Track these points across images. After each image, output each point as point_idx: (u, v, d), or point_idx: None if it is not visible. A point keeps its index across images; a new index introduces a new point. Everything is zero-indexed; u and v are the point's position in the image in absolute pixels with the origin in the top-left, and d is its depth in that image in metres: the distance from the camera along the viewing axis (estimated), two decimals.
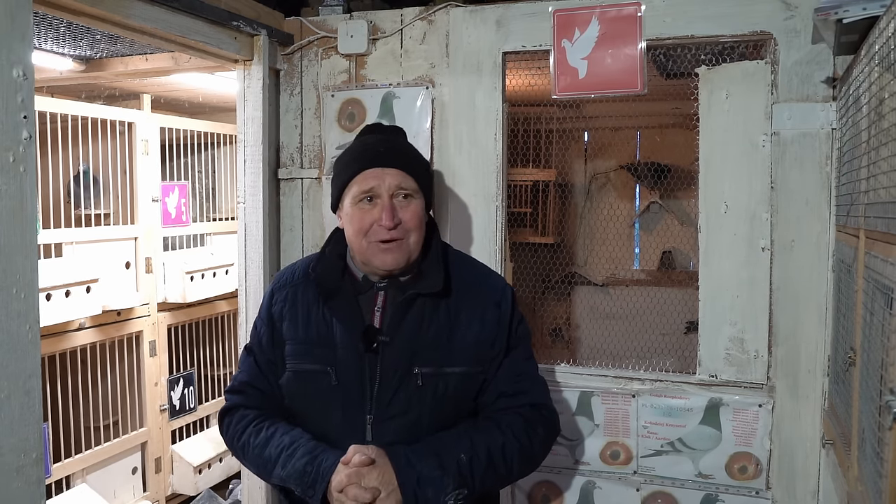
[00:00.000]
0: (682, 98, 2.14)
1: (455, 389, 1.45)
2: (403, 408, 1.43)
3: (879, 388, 1.08)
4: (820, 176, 1.86)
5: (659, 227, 3.47)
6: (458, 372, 1.46)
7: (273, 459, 1.43)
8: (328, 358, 1.47)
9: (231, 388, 1.59)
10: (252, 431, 1.49)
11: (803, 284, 1.87)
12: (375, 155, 1.48)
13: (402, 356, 1.44)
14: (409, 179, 1.47)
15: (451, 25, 2.14)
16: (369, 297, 1.50)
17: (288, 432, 1.46)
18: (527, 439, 1.46)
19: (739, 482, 1.94)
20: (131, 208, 2.99)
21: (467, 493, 1.37)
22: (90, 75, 2.73)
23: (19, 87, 1.22)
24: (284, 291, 1.57)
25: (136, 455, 3.03)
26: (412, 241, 1.47)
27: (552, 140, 3.25)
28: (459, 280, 1.52)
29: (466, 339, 1.47)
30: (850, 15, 1.35)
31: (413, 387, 1.43)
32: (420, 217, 1.48)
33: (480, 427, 1.45)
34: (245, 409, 1.54)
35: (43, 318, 1.86)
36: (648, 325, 3.03)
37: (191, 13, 1.94)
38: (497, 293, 1.53)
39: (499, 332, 1.49)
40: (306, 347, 1.50)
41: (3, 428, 1.20)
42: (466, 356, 1.47)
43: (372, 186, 1.45)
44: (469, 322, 1.48)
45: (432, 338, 1.46)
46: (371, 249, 1.45)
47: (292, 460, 1.40)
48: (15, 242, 1.22)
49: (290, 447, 1.42)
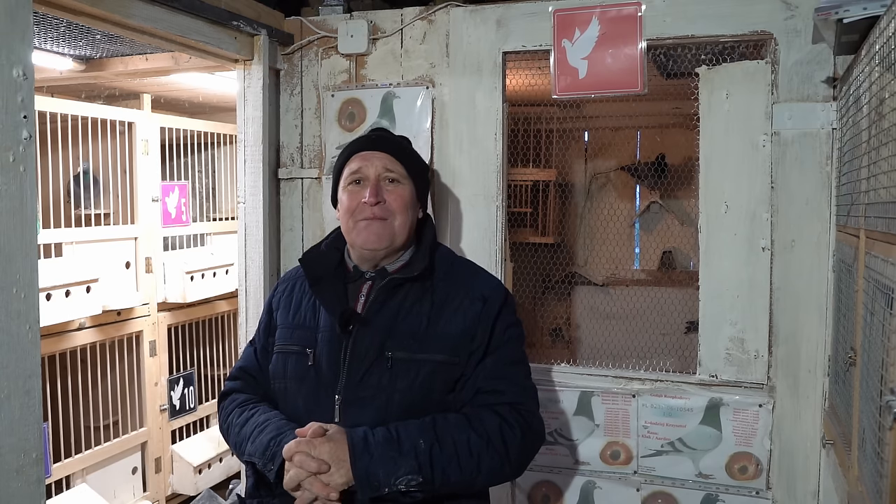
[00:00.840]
0: (683, 98, 2.14)
1: (427, 377, 1.43)
2: (372, 391, 1.43)
3: (880, 388, 1.08)
4: (820, 176, 1.86)
5: (659, 227, 3.47)
6: (432, 360, 1.44)
7: (247, 436, 1.46)
8: (309, 340, 1.51)
9: (229, 375, 1.66)
10: (237, 412, 1.54)
11: (803, 284, 1.87)
12: (366, 142, 1.57)
13: (375, 339, 1.45)
14: (397, 164, 1.53)
15: (452, 25, 2.14)
16: (357, 286, 1.54)
17: (266, 412, 1.50)
18: (499, 439, 1.40)
19: (740, 482, 1.94)
20: (131, 208, 2.98)
21: (422, 482, 1.33)
22: (90, 75, 2.73)
23: (19, 87, 1.22)
24: (286, 284, 1.65)
25: (136, 455, 3.02)
26: (397, 223, 1.50)
27: (552, 140, 3.25)
28: (452, 274, 1.54)
29: (448, 329, 1.46)
30: (851, 15, 1.35)
31: (382, 370, 1.43)
32: (405, 200, 1.51)
33: (449, 419, 1.42)
34: (237, 394, 1.60)
35: (43, 318, 1.86)
36: (648, 325, 3.03)
37: (191, 13, 1.94)
38: (487, 289, 1.53)
39: (480, 326, 1.48)
40: (291, 331, 1.55)
41: (3, 428, 1.20)
42: (445, 345, 1.46)
43: (360, 167, 1.52)
44: (453, 313, 1.48)
45: (411, 324, 1.46)
46: (356, 228, 1.50)
47: (261, 436, 1.43)
48: (15, 242, 1.22)
49: (262, 424, 1.46)
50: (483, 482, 1.44)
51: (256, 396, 1.58)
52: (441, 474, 1.35)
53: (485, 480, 1.43)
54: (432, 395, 1.45)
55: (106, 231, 2.85)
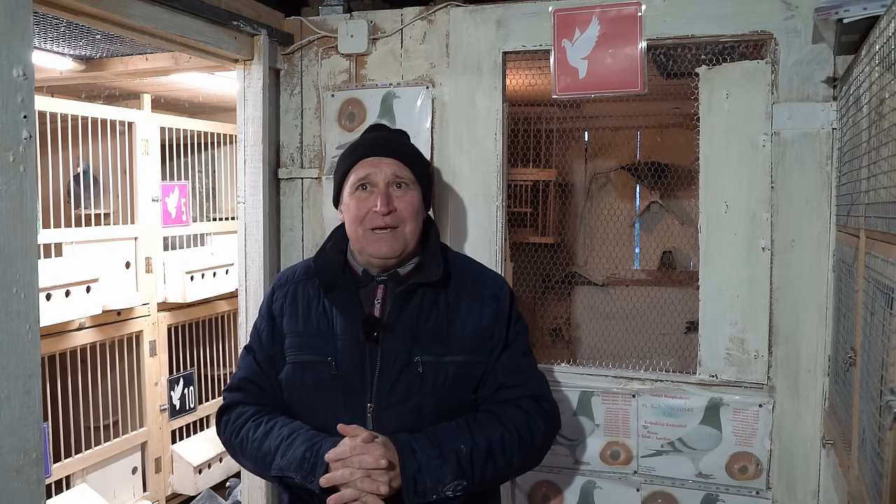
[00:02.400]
0: (683, 98, 2.14)
1: (455, 378, 1.46)
2: (404, 396, 1.43)
3: (880, 388, 1.08)
4: (820, 176, 1.86)
5: (659, 226, 3.47)
6: (457, 361, 1.47)
7: (273, 451, 1.42)
8: (328, 349, 1.48)
9: (229, 386, 1.59)
10: (251, 426, 1.48)
11: (803, 284, 1.87)
12: (373, 146, 1.53)
13: (403, 344, 1.45)
14: (405, 169, 1.50)
15: (452, 25, 2.14)
16: (369, 291, 1.51)
17: (287, 424, 1.46)
18: (527, 432, 1.45)
19: (740, 482, 1.94)
20: (131, 208, 2.99)
21: (466, 485, 1.36)
22: (90, 75, 2.73)
23: (19, 87, 1.22)
24: (285, 289, 1.58)
25: (136, 455, 3.02)
26: (407, 230, 1.48)
27: (552, 140, 3.25)
28: (458, 273, 1.54)
29: (465, 330, 1.48)
30: (851, 15, 1.35)
31: (413, 375, 1.44)
32: (415, 207, 1.50)
33: (480, 419, 1.45)
34: (244, 406, 1.53)
35: (43, 318, 1.86)
36: (648, 325, 3.03)
37: (191, 13, 1.94)
38: (495, 287, 1.55)
39: (497, 324, 1.51)
40: (306, 339, 1.51)
41: (3, 428, 1.20)
42: (465, 346, 1.47)
43: (368, 174, 1.48)
44: (468, 313, 1.49)
45: (432, 327, 1.47)
46: (366, 237, 1.48)
47: (291, 449, 1.39)
48: (15, 242, 1.22)
49: (289, 437, 1.42)
50: (514, 475, 1.50)
51: (266, 408, 1.52)
52: (480, 475, 1.39)
53: (516, 473, 1.51)
54: (460, 396, 1.48)
55: (106, 231, 2.85)
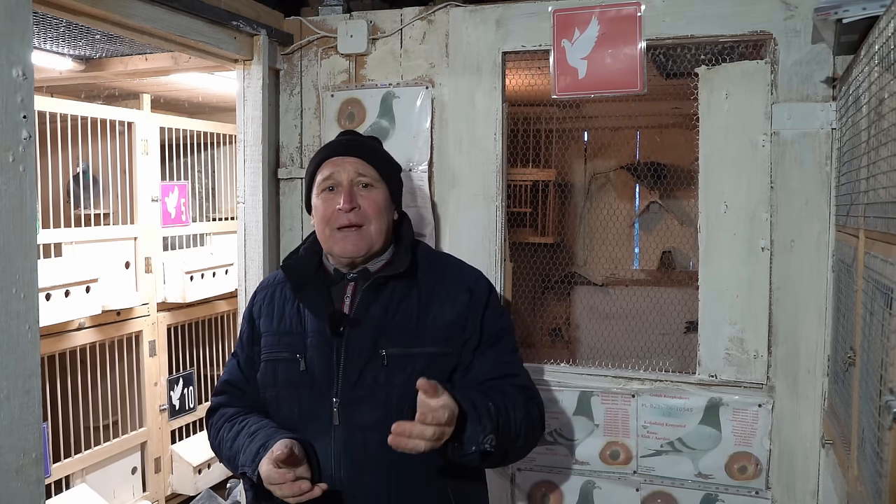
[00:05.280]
0: (682, 98, 2.14)
1: (424, 369, 1.44)
2: (370, 389, 1.44)
3: (879, 388, 1.08)
4: (820, 176, 1.86)
5: (659, 227, 3.47)
6: (427, 353, 1.47)
7: (239, 449, 1.45)
8: (298, 346, 1.50)
9: (215, 390, 1.64)
10: (226, 427, 1.52)
11: (803, 284, 1.87)
12: (337, 147, 1.58)
13: (367, 338, 1.45)
14: (369, 168, 1.53)
15: (451, 25, 2.14)
16: (340, 288, 1.53)
17: (256, 422, 1.48)
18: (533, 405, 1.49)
19: (739, 482, 1.94)
20: (131, 208, 2.99)
21: (497, 443, 1.35)
22: (90, 75, 2.73)
23: (19, 87, 1.22)
24: (265, 292, 1.63)
25: (136, 455, 3.03)
26: (373, 228, 1.50)
27: (552, 140, 3.25)
28: (432, 267, 1.56)
29: (438, 321, 1.49)
30: (850, 15, 1.35)
31: (378, 367, 1.44)
32: (379, 205, 1.51)
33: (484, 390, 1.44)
34: (225, 408, 1.58)
35: (43, 318, 1.86)
36: (648, 325, 3.02)
37: (191, 13, 1.94)
38: (470, 280, 1.56)
39: (469, 315, 1.51)
40: (278, 338, 1.54)
41: (3, 428, 1.20)
42: (437, 337, 1.48)
43: (332, 173, 1.51)
44: (441, 306, 1.50)
45: (401, 320, 1.48)
46: (332, 237, 1.50)
47: (251, 445, 1.42)
48: (15, 242, 1.22)
49: (252, 435, 1.44)
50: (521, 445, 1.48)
51: (245, 409, 1.56)
52: (505, 439, 1.38)
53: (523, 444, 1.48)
54: None
55: (106, 231, 2.85)
